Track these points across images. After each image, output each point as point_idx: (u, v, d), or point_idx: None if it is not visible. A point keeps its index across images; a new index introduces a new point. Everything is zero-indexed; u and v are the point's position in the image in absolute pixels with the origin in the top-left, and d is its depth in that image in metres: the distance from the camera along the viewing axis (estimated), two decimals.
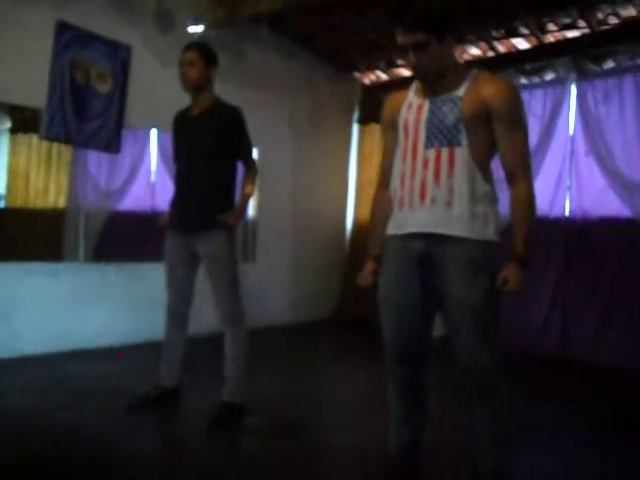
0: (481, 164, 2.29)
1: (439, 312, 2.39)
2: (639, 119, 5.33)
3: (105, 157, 5.47)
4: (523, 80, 6.00)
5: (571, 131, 5.79)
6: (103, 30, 4.97)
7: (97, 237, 5.73)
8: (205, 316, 4.13)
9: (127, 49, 5.12)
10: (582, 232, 5.62)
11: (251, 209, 6.36)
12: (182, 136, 3.60)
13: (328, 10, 5.89)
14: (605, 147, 5.49)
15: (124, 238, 6.01)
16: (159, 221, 3.65)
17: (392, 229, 2.45)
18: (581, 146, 5.71)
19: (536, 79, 5.96)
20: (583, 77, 5.66)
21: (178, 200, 3.58)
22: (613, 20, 5.51)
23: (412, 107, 2.38)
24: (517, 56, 6.13)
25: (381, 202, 2.59)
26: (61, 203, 5.70)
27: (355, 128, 7.67)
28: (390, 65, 7.10)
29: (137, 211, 6.13)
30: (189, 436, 3.26)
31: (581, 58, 5.63)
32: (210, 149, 3.44)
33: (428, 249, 2.31)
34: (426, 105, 2.33)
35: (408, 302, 2.40)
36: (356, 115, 7.62)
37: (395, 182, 2.45)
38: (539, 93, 5.94)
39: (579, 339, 5.48)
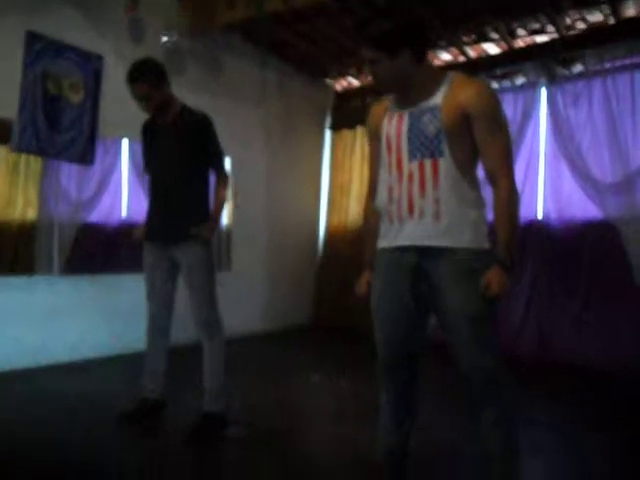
0: (466, 172, 2.28)
1: (436, 320, 2.39)
2: (608, 122, 5.42)
3: (76, 168, 5.38)
4: (494, 84, 6.06)
5: (542, 134, 5.86)
6: (74, 40, 4.90)
7: (70, 249, 5.63)
8: (184, 326, 4.08)
9: (99, 59, 5.06)
10: (555, 235, 5.69)
11: (225, 217, 6.32)
12: (152, 145, 3.55)
13: (300, 19, 5.90)
14: (575, 149, 5.57)
15: (97, 250, 5.92)
16: (135, 233, 3.60)
17: (383, 242, 2.45)
18: (552, 149, 5.78)
19: (507, 83, 6.04)
20: (553, 81, 5.74)
21: (153, 211, 3.53)
22: (581, 25, 5.60)
23: (393, 119, 2.37)
24: (488, 61, 6.20)
25: (372, 213, 2.59)
26: (30, 215, 5.60)
27: (327, 134, 7.67)
28: (361, 71, 7.12)
29: (109, 222, 6.06)
30: (172, 448, 3.22)
31: (550, 62, 5.72)
32: (181, 158, 3.41)
33: (420, 262, 2.31)
34: (406, 116, 2.32)
35: (399, 313, 2.40)
36: (328, 121, 7.63)
37: (383, 196, 2.43)
38: (510, 97, 6.01)
39: (555, 341, 5.53)
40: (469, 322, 2.24)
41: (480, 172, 2.35)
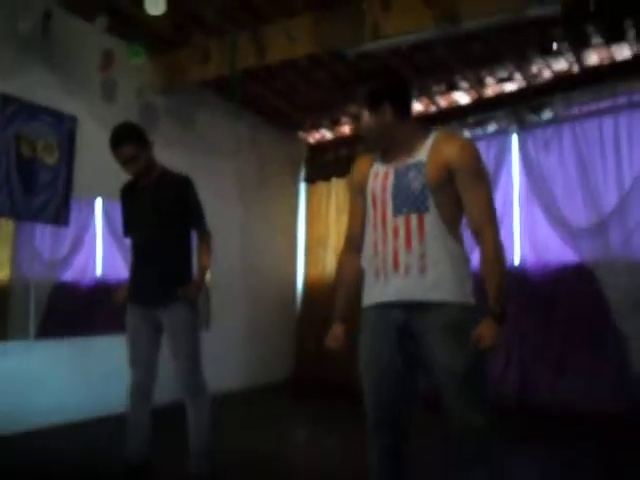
0: (451, 226, 2.31)
1: (427, 377, 2.36)
2: (579, 166, 5.51)
3: (49, 227, 5.29)
4: (466, 133, 6.15)
5: (515, 180, 5.94)
6: (48, 101, 4.87)
7: (44, 311, 5.51)
8: (167, 386, 3.99)
9: (72, 119, 5.02)
10: (533, 280, 5.68)
11: None
12: (132, 208, 3.54)
13: (272, 74, 5.97)
14: (548, 194, 5.65)
15: (72, 310, 5.80)
16: (117, 295, 3.54)
17: (369, 299, 2.44)
18: (526, 194, 5.85)
19: (479, 131, 6.13)
20: (523, 127, 5.84)
21: (136, 273, 3.50)
22: (547, 73, 5.74)
23: (378, 175, 2.42)
24: (459, 110, 6.31)
25: (346, 264, 2.60)
26: (2, 277, 5.49)
27: (302, 187, 7.69)
28: (335, 123, 7.20)
29: (83, 281, 5.96)
30: None
31: (520, 109, 5.83)
32: (163, 219, 3.40)
33: (407, 319, 2.31)
34: (391, 172, 2.37)
35: (387, 371, 2.37)
36: (303, 174, 7.66)
37: (369, 251, 2.45)
38: (482, 145, 6.07)
39: (536, 387, 5.46)
40: (457, 378, 2.23)
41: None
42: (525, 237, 5.83)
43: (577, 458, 4.13)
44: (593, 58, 5.46)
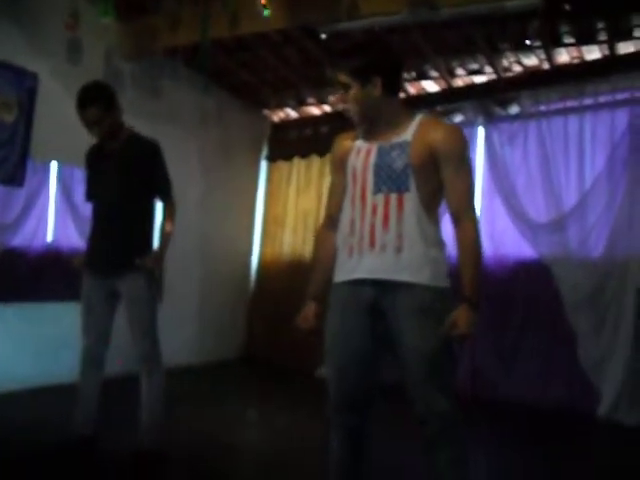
0: (430, 209, 2.30)
1: (392, 358, 2.33)
2: (542, 162, 5.56)
3: (1, 189, 5.09)
4: None
5: (479, 172, 5.96)
6: (8, 56, 4.65)
7: None
8: (120, 356, 3.89)
9: (34, 77, 4.81)
10: (489, 272, 5.66)
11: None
12: (97, 172, 3.44)
13: (243, 47, 5.86)
14: (510, 188, 5.69)
15: (20, 276, 5.63)
16: (74, 261, 3.45)
17: (340, 276, 2.40)
18: (488, 187, 5.88)
19: (445, 121, 6.11)
20: (490, 120, 5.86)
21: (96, 239, 3.40)
22: (517, 68, 5.76)
23: (360, 152, 2.38)
24: (427, 98, 6.28)
25: (324, 242, 2.56)
26: None
27: (264, 165, 7.58)
28: (300, 103, 7.11)
29: (33, 246, 5.79)
30: None
31: (488, 102, 5.85)
32: (128, 186, 3.31)
33: (378, 297, 2.28)
34: (374, 150, 2.33)
35: (354, 351, 2.34)
36: (265, 152, 7.54)
37: (344, 229, 2.41)
38: None
39: (488, 378, 5.55)
40: (426, 361, 2.21)
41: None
42: (484, 229, 5.84)
43: (524, 450, 4.21)
44: (564, 57, 5.49)
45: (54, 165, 5.63)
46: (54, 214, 5.87)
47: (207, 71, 5.45)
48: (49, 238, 5.87)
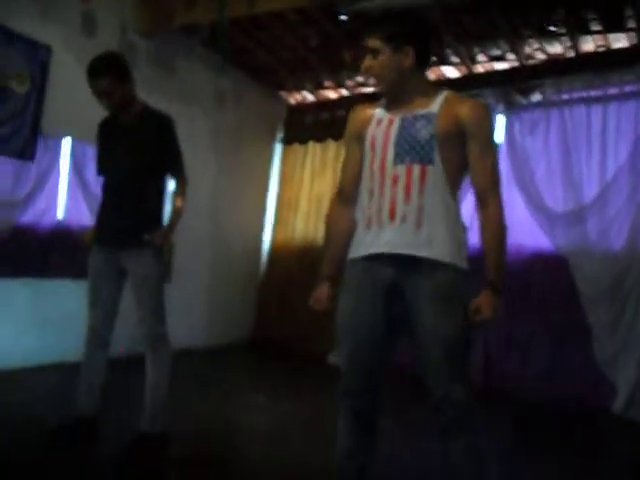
0: (453, 185, 2.21)
1: (409, 341, 2.25)
2: (563, 152, 5.44)
3: (11, 164, 5.01)
4: None
5: None
6: (23, 28, 4.56)
7: (1, 250, 5.28)
8: (126, 336, 3.83)
9: (47, 49, 4.72)
10: (515, 268, 5.52)
11: None
12: (109, 146, 3.35)
13: (260, 27, 5.75)
14: (529, 177, 5.57)
15: (29, 252, 5.57)
16: (83, 237, 3.39)
17: (357, 251, 2.31)
18: (506, 175, 5.75)
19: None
20: (511, 108, 5.74)
21: (105, 214, 3.33)
22: (540, 55, 5.62)
23: (382, 123, 2.29)
24: (447, 84, 6.10)
25: (338, 219, 2.46)
26: None
27: (278, 148, 7.48)
28: (318, 86, 7.00)
29: (43, 223, 5.72)
30: (108, 469, 3.00)
31: (509, 90, 5.72)
32: (140, 160, 3.23)
33: (397, 277, 2.20)
34: (397, 120, 2.25)
35: (369, 334, 2.26)
36: (280, 135, 7.45)
37: (362, 201, 2.32)
38: None
39: (502, 372, 5.45)
40: (444, 345, 2.13)
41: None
42: None
43: (533, 444, 4.13)
44: (589, 45, 5.36)
45: (66, 142, 5.55)
46: (65, 191, 5.80)
47: (225, 51, 5.37)
48: (60, 215, 5.80)
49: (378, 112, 2.34)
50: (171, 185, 3.45)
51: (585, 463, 3.84)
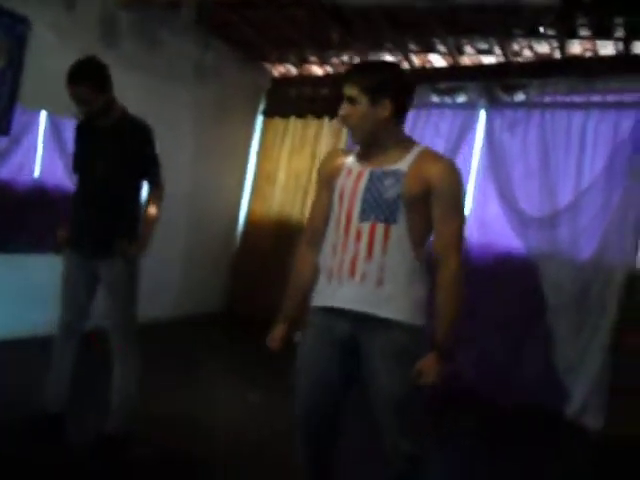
0: (416, 244, 2.24)
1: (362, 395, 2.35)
2: (541, 155, 5.41)
3: None
4: (435, 98, 6.01)
5: (475, 156, 5.84)
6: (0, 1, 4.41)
7: None
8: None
9: (25, 22, 4.58)
10: (474, 258, 5.59)
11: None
12: (86, 147, 3.33)
13: (248, 4, 5.61)
14: (506, 177, 5.56)
15: (4, 217, 5.51)
16: (57, 237, 3.37)
17: (317, 300, 2.38)
18: (483, 172, 5.77)
19: (448, 100, 5.97)
20: (493, 104, 5.70)
21: (79, 219, 3.33)
22: (527, 53, 5.57)
23: (351, 174, 2.31)
24: (432, 73, 6.10)
25: (303, 263, 2.52)
26: None
27: (259, 120, 7.40)
28: (302, 60, 6.87)
29: (19, 180, 5.66)
30: (71, 470, 3.05)
31: (493, 86, 5.68)
32: (116, 165, 3.22)
33: (353, 333, 2.26)
34: (366, 174, 2.27)
35: (321, 381, 2.35)
36: (261, 107, 7.35)
37: (326, 251, 2.37)
38: (449, 114, 5.96)
39: (486, 378, 5.37)
40: (394, 403, 2.22)
41: None
42: (474, 214, 5.77)
43: (488, 449, 4.28)
44: (576, 47, 5.31)
45: (43, 115, 5.46)
46: (42, 150, 5.72)
47: (209, 25, 5.22)
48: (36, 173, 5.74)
49: (349, 161, 2.36)
50: (146, 192, 3.44)
51: (531, 467, 4.01)
